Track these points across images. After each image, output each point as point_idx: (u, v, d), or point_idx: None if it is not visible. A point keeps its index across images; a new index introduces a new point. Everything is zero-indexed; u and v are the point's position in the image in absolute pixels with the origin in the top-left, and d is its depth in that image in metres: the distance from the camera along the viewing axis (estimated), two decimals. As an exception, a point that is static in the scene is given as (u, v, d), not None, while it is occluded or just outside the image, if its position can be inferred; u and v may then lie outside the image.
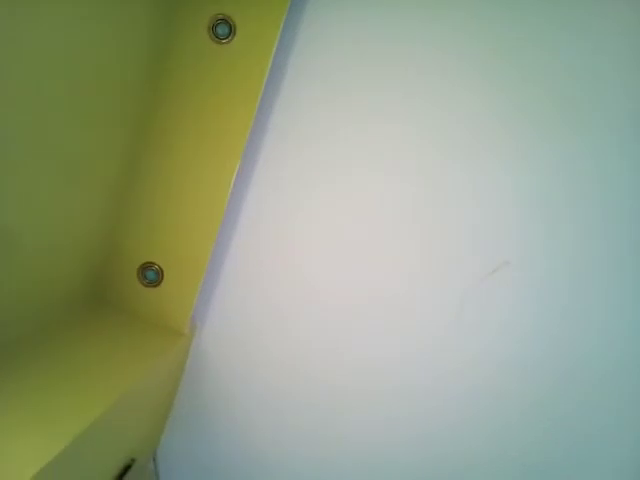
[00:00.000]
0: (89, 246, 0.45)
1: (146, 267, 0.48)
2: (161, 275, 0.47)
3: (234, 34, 0.42)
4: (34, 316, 0.41)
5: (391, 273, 0.47)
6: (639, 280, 0.44)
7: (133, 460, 0.46)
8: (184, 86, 0.44)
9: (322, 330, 0.49)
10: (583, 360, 0.45)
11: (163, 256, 0.47)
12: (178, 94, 0.44)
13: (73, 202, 0.40)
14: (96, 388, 0.37)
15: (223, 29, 0.42)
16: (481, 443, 0.48)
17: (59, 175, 0.37)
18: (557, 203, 0.44)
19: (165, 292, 0.48)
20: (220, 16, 0.41)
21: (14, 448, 0.29)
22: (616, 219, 0.43)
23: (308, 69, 0.45)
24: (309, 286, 0.48)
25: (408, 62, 0.43)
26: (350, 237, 0.47)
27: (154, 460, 0.54)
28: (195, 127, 0.44)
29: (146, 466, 0.53)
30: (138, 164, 0.46)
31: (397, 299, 0.47)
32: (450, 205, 0.45)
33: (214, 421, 0.52)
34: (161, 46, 0.42)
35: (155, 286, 0.48)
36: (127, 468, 0.45)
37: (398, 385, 0.48)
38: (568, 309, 0.45)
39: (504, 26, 0.42)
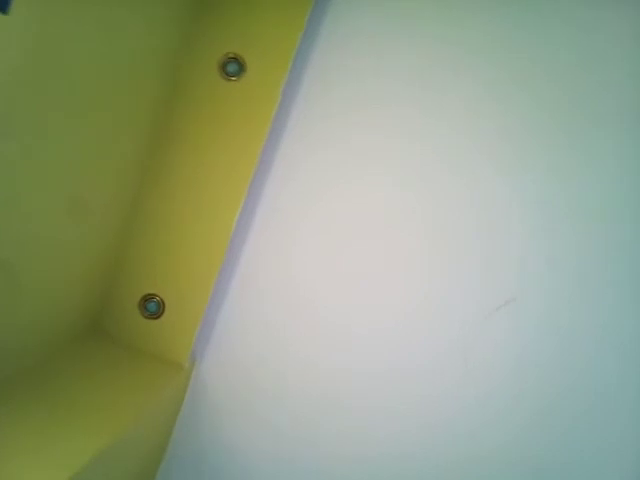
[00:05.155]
0: (90, 278, 0.45)
1: (148, 299, 0.47)
2: (162, 307, 0.47)
3: (244, 72, 0.43)
4: (33, 350, 0.40)
5: (394, 306, 0.47)
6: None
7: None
8: (192, 122, 0.45)
9: (328, 360, 0.48)
10: (598, 399, 0.45)
11: (164, 288, 0.47)
12: (185, 130, 0.45)
13: (75, 236, 0.40)
14: (94, 425, 0.36)
15: (233, 67, 0.43)
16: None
17: (62, 209, 0.37)
18: (559, 233, 0.44)
19: (166, 324, 0.47)
20: (231, 55, 0.43)
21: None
22: (618, 245, 0.44)
23: (316, 104, 0.46)
24: (315, 314, 0.48)
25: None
26: (355, 268, 0.47)
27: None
28: (202, 161, 0.45)
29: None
30: (141, 197, 0.46)
31: (400, 330, 0.47)
32: (459, 238, 0.45)
33: (212, 456, 0.51)
34: (172, 84, 0.44)
35: (156, 318, 0.47)
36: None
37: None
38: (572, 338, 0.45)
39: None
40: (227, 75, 0.43)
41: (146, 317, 0.47)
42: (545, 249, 0.44)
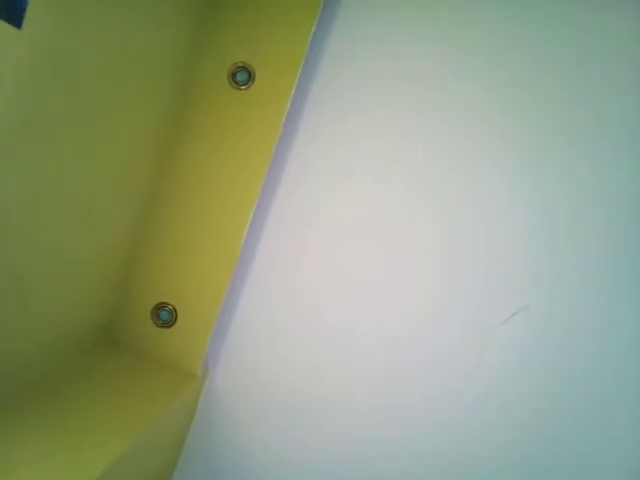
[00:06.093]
0: (102, 287, 0.45)
1: (160, 307, 0.47)
2: (175, 315, 0.47)
3: (253, 80, 0.44)
4: (46, 360, 0.40)
5: (405, 312, 0.47)
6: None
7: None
8: (202, 131, 0.45)
9: (339, 365, 0.48)
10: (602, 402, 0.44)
11: (177, 296, 0.47)
12: (196, 138, 0.46)
13: (86, 246, 0.40)
14: (108, 434, 0.35)
15: (242, 76, 0.44)
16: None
17: (73, 219, 0.37)
18: (560, 233, 0.45)
19: (178, 333, 0.47)
20: (240, 64, 0.44)
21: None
22: (618, 248, 0.44)
23: (324, 112, 0.47)
24: (326, 320, 0.48)
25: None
26: (364, 280, 0.47)
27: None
28: (212, 169, 0.46)
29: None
30: (153, 205, 0.47)
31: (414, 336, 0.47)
32: (468, 246, 0.46)
33: (225, 462, 0.50)
34: (182, 93, 0.45)
35: (169, 327, 0.47)
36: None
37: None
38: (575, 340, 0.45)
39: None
40: (237, 84, 0.44)
41: (159, 326, 0.47)
42: (546, 249, 0.45)
